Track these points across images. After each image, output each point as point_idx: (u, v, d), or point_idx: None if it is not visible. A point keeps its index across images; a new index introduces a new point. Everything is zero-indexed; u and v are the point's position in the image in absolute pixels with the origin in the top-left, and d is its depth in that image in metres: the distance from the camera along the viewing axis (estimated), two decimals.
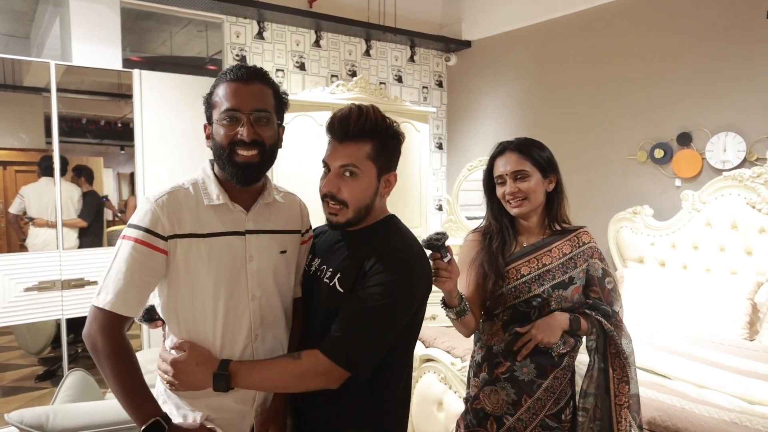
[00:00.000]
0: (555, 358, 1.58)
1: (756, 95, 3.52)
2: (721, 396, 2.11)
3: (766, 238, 3.30)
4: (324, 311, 1.33)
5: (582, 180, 4.52)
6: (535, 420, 1.57)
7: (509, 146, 1.66)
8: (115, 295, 1.18)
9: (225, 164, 1.27)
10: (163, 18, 4.59)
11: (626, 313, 3.38)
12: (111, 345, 1.18)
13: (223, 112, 1.24)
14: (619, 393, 1.54)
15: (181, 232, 1.23)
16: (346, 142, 1.32)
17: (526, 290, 1.59)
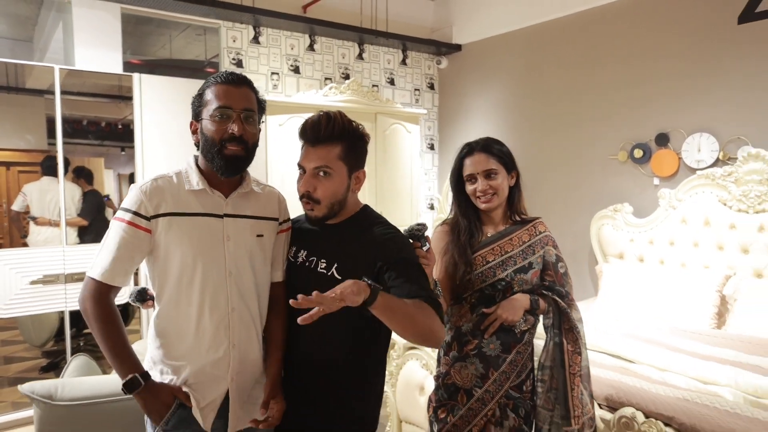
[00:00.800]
0: (517, 334, 1.75)
1: (728, 98, 3.69)
2: (680, 378, 2.27)
3: (736, 234, 3.46)
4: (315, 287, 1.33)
5: (566, 179, 4.69)
6: (501, 391, 1.73)
7: (476, 147, 1.81)
8: (104, 267, 1.37)
9: (214, 157, 1.44)
10: (162, 22, 4.75)
11: (606, 306, 3.56)
12: (100, 309, 1.38)
13: (216, 109, 1.41)
14: (572, 363, 1.72)
15: (162, 211, 1.41)
16: (318, 146, 1.48)
17: (491, 275, 1.75)
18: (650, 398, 1.98)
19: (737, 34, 3.62)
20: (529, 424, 1.79)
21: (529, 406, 1.78)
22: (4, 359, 3.66)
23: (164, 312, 1.44)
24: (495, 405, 1.73)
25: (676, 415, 1.84)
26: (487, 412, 1.73)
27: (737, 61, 3.64)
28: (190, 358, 1.44)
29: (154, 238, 1.41)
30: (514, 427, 1.74)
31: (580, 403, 1.70)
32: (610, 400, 2.03)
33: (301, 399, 1.52)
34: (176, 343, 1.44)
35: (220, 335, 1.45)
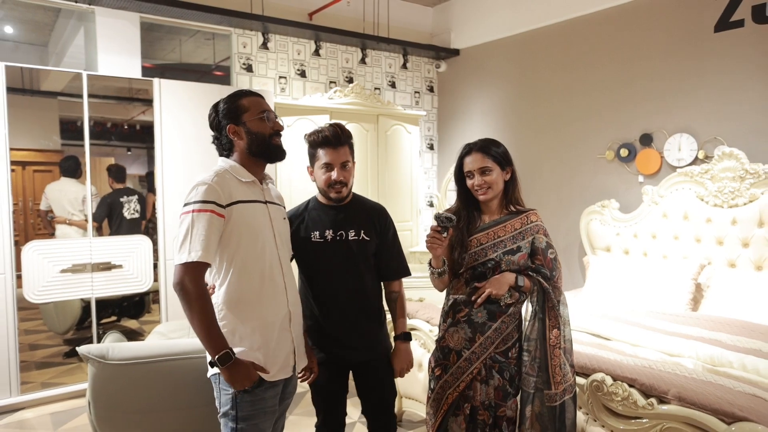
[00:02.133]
0: (502, 306, 2.03)
1: (706, 100, 3.96)
2: (649, 351, 2.55)
3: (712, 227, 3.73)
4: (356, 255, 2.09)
5: (557, 176, 4.97)
6: (485, 353, 2.02)
7: (474, 147, 2.10)
8: (202, 249, 1.63)
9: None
10: (173, 28, 5.03)
11: (592, 295, 3.84)
12: (199, 288, 1.63)
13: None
14: (551, 336, 2.00)
15: (233, 200, 1.73)
16: (339, 147, 2.05)
17: (483, 255, 2.05)
18: (618, 366, 2.26)
19: (714, 42, 3.90)
20: (513, 387, 2.07)
21: (513, 371, 2.07)
22: (29, 346, 3.92)
23: (234, 285, 1.73)
24: (480, 365, 2.02)
25: (639, 378, 2.12)
26: (473, 371, 2.02)
27: (714, 67, 3.91)
28: (261, 320, 1.76)
29: (227, 222, 1.71)
30: (498, 386, 2.04)
31: (561, 372, 1.97)
32: (585, 368, 2.31)
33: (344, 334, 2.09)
34: (247, 309, 1.74)
35: (280, 297, 1.82)
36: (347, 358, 2.13)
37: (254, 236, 1.77)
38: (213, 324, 1.65)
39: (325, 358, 2.12)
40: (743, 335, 2.67)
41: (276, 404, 1.81)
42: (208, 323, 1.63)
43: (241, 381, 1.68)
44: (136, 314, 4.24)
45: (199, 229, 1.65)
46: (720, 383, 2.12)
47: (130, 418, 1.97)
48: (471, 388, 2.03)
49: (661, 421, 1.97)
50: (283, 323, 1.83)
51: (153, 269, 4.07)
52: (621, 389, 2.10)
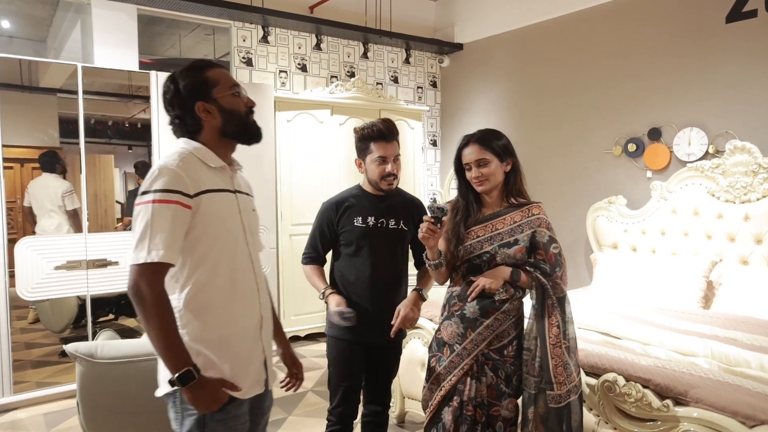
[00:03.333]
0: (496, 303, 1.95)
1: (716, 93, 3.86)
2: (660, 350, 2.45)
3: (723, 224, 3.63)
4: (394, 242, 2.25)
5: (563, 172, 4.87)
6: (476, 350, 1.95)
7: (472, 139, 2.03)
8: (165, 248, 1.38)
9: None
10: (173, 23, 4.95)
11: (600, 293, 3.74)
12: (159, 294, 1.38)
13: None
14: (551, 335, 1.90)
15: (201, 189, 1.48)
16: (391, 141, 2.18)
17: (479, 247, 1.99)
18: (631, 365, 2.16)
19: (725, 33, 3.80)
20: (511, 387, 1.99)
21: (510, 369, 1.99)
22: (25, 345, 3.85)
23: (200, 287, 1.48)
24: (471, 361, 1.96)
25: (653, 378, 2.03)
26: (464, 366, 1.96)
27: (725, 59, 3.81)
28: (232, 327, 1.51)
29: (194, 214, 1.46)
30: (492, 384, 1.97)
31: (564, 372, 1.88)
32: (595, 368, 2.22)
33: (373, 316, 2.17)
34: (216, 314, 1.49)
35: (253, 300, 1.59)
36: (370, 339, 2.23)
37: (225, 231, 1.54)
38: (175, 336, 1.40)
39: (345, 334, 2.20)
40: (760, 333, 2.58)
41: (247, 421, 1.58)
42: (169, 335, 1.39)
43: (207, 403, 1.43)
44: (133, 312, 4.13)
45: (161, 223, 1.40)
46: (738, 384, 2.03)
47: (120, 419, 1.88)
48: (462, 383, 1.97)
49: (677, 424, 1.87)
50: (255, 330, 1.60)
51: None
52: (634, 390, 2.00)
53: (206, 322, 1.49)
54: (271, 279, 4.46)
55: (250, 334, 1.58)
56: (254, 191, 1.78)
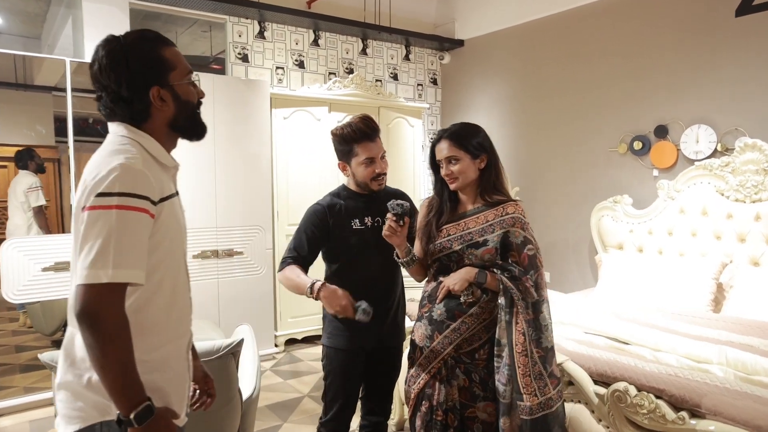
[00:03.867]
0: (463, 305, 1.88)
1: (726, 89, 3.74)
2: (672, 357, 2.33)
3: (733, 224, 3.52)
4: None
5: (566, 171, 4.76)
6: (444, 352, 1.89)
7: (444, 135, 1.96)
8: (133, 266, 1.17)
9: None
10: (169, 19, 4.83)
11: (605, 295, 3.63)
12: (122, 321, 1.16)
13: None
14: (517, 343, 1.79)
15: (163, 195, 1.27)
16: (376, 139, 2.06)
17: (448, 246, 1.92)
18: (642, 373, 2.05)
19: (734, 27, 3.68)
20: (488, 390, 1.89)
21: (483, 373, 1.89)
22: (16, 348, 3.74)
23: (141, 306, 1.26)
24: (438, 364, 1.90)
25: (667, 388, 1.91)
26: (431, 369, 1.91)
27: (734, 54, 3.69)
28: (171, 347, 1.32)
29: (155, 224, 1.24)
30: (463, 386, 1.90)
31: (533, 383, 1.76)
32: (605, 376, 2.10)
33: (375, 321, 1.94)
34: (155, 335, 1.29)
35: (188, 314, 1.41)
36: (372, 343, 2.12)
37: (174, 242, 1.32)
38: (134, 369, 1.17)
39: (344, 343, 2.09)
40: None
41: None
42: (128, 369, 1.16)
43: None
44: None
45: (128, 235, 1.16)
46: (757, 394, 1.91)
47: None
48: (430, 387, 1.91)
49: None
50: (187, 349, 1.39)
51: None
52: (647, 401, 1.88)
53: (147, 343, 1.26)
54: (267, 280, 4.35)
55: (183, 353, 1.38)
56: (250, 188, 1.62)
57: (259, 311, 4.31)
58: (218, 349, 1.85)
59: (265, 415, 3.26)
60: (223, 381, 1.90)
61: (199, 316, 3.91)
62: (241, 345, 1.93)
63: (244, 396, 2.11)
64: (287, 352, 4.47)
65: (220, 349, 1.85)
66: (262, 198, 4.26)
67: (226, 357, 1.87)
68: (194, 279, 3.84)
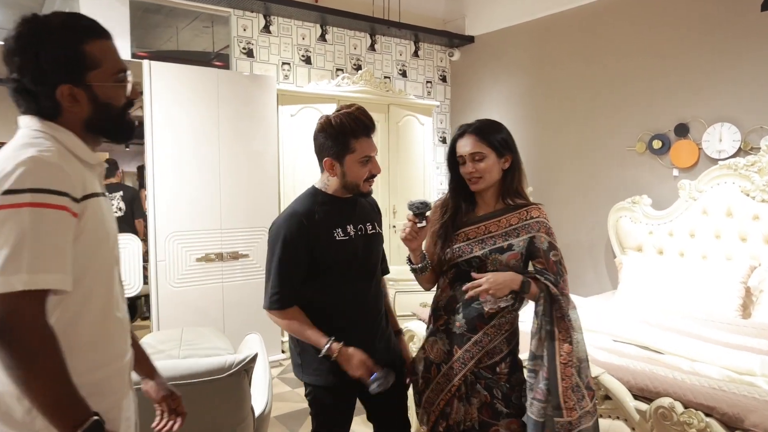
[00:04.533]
0: (485, 316, 1.73)
1: (750, 86, 3.60)
2: (711, 368, 2.20)
3: (760, 225, 3.38)
4: (376, 251, 1.87)
5: (582, 171, 4.61)
6: (464, 369, 1.73)
7: (468, 129, 1.81)
8: (57, 269, 1.04)
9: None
10: (170, 13, 4.68)
11: (628, 299, 3.49)
12: (46, 330, 1.03)
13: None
14: (562, 353, 1.66)
15: (86, 192, 1.13)
16: (372, 135, 1.76)
17: (468, 251, 1.76)
18: (687, 388, 1.90)
19: (759, 22, 3.54)
20: (510, 406, 1.75)
21: (505, 388, 1.75)
22: None
23: (69, 321, 1.12)
24: (459, 382, 1.74)
25: (718, 405, 1.77)
26: (451, 388, 1.74)
27: (759, 49, 3.55)
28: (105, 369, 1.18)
29: (79, 224, 1.10)
30: (485, 403, 1.75)
31: (574, 395, 1.64)
32: (646, 391, 1.96)
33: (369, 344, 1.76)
34: (86, 355, 1.15)
35: (127, 330, 1.26)
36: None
37: (107, 247, 1.19)
38: (71, 380, 1.03)
39: (333, 381, 1.74)
40: None
41: None
42: (64, 381, 1.02)
43: None
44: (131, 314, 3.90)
45: (45, 235, 1.02)
46: None
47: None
48: (449, 405, 1.75)
49: None
50: (127, 370, 1.26)
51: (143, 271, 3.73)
52: (696, 419, 1.74)
53: (79, 365, 1.10)
54: None
55: (124, 376, 1.24)
56: (255, 188, 1.46)
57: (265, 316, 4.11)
58: (230, 365, 1.69)
59: (274, 427, 3.11)
60: (235, 400, 1.74)
61: (203, 321, 3.77)
62: (255, 361, 1.76)
63: (256, 412, 1.96)
64: None
65: (232, 366, 1.69)
66: (268, 198, 4.10)
67: (238, 374, 1.71)
68: (197, 283, 3.79)
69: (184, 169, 3.76)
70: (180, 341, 2.65)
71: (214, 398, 1.68)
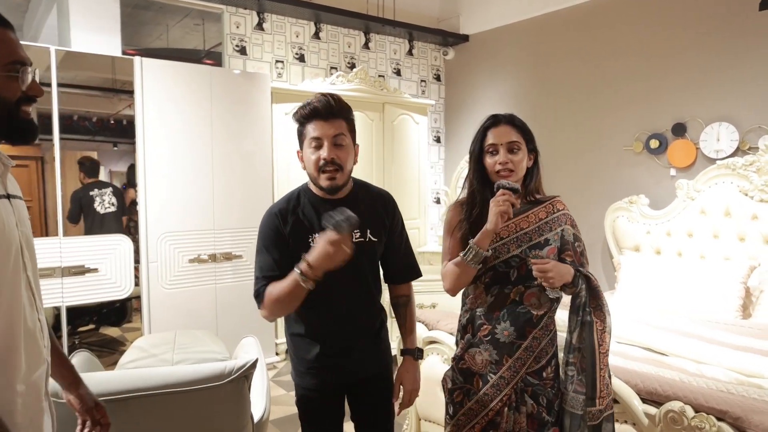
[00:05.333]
0: (533, 319, 1.68)
1: (748, 86, 3.59)
2: (718, 370, 2.17)
3: (759, 225, 3.37)
4: (362, 262, 1.67)
5: (579, 170, 4.58)
6: (516, 377, 1.69)
7: (503, 119, 1.76)
8: None
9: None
10: (160, 10, 4.59)
11: (627, 299, 3.46)
12: None
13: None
14: (602, 342, 1.65)
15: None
16: (330, 120, 1.59)
17: (505, 251, 1.69)
18: (698, 392, 1.86)
19: (758, 21, 3.53)
20: (552, 414, 1.71)
21: (551, 394, 1.71)
22: None
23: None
24: (511, 390, 1.69)
25: (731, 410, 1.73)
26: (503, 398, 1.69)
27: (757, 49, 3.54)
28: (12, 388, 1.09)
29: None
30: (532, 413, 1.70)
31: (605, 384, 1.66)
32: (655, 394, 1.92)
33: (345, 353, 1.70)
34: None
35: (39, 342, 1.18)
36: (345, 379, 1.74)
37: (4, 252, 1.10)
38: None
39: (318, 384, 1.70)
40: None
41: None
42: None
43: None
44: (117, 321, 3.80)
45: None
46: None
47: None
48: (499, 415, 1.69)
49: None
50: (41, 385, 1.18)
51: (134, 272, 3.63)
52: (708, 423, 1.70)
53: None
54: None
55: (39, 392, 1.16)
56: (249, 188, 1.37)
57: (258, 318, 4.02)
58: (230, 371, 1.62)
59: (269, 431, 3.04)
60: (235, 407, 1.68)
61: (196, 324, 3.69)
62: (255, 367, 1.70)
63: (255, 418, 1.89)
64: (288, 361, 4.26)
65: (232, 372, 1.62)
66: (262, 198, 4.02)
67: (238, 380, 1.64)
68: (190, 285, 3.70)
69: (176, 168, 3.68)
70: (174, 344, 2.57)
71: (213, 405, 1.61)
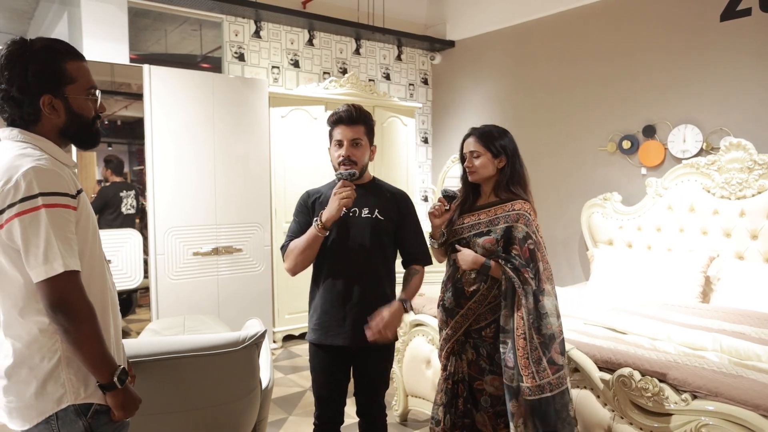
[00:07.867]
0: (466, 293, 2.10)
1: (711, 91, 3.90)
2: (669, 345, 2.45)
3: (719, 219, 3.66)
4: (367, 233, 2.06)
5: (556, 169, 4.88)
6: (456, 335, 2.14)
7: (474, 132, 2.20)
8: (75, 255, 1.29)
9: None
10: (159, 17, 4.83)
11: (598, 289, 3.75)
12: (88, 300, 1.29)
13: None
14: (518, 327, 1.96)
15: (78, 188, 1.37)
16: (351, 125, 2.05)
17: (459, 233, 2.17)
18: (645, 360, 2.15)
19: (720, 31, 3.83)
20: (493, 364, 2.08)
21: (489, 348, 2.10)
22: None
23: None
24: (452, 344, 2.15)
25: (670, 372, 2.02)
26: (448, 348, 2.16)
27: (719, 56, 3.85)
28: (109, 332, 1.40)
29: (76, 216, 1.35)
30: (471, 360, 2.13)
31: (532, 366, 1.91)
32: (609, 363, 2.21)
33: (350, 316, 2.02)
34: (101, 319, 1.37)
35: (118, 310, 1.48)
36: (353, 342, 2.04)
37: (94, 230, 1.41)
38: (105, 341, 1.33)
39: (327, 341, 2.07)
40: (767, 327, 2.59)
41: None
42: (102, 340, 1.32)
43: (135, 402, 1.39)
44: (123, 312, 4.04)
45: (62, 229, 1.27)
46: (752, 377, 2.03)
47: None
48: (447, 360, 2.17)
49: (697, 418, 1.86)
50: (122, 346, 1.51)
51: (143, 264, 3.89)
52: (651, 384, 1.99)
53: None
54: (266, 277, 4.39)
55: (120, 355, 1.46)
56: (248, 185, 1.69)
57: (257, 308, 4.34)
58: (244, 339, 1.91)
59: (270, 408, 3.31)
60: (247, 371, 1.96)
61: (200, 312, 3.95)
62: (264, 336, 1.99)
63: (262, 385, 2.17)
64: (285, 348, 4.52)
65: (245, 340, 1.91)
66: (261, 196, 4.29)
67: (250, 347, 1.92)
68: (194, 276, 3.96)
69: (181, 167, 3.94)
70: (183, 327, 2.84)
71: (228, 369, 1.89)
